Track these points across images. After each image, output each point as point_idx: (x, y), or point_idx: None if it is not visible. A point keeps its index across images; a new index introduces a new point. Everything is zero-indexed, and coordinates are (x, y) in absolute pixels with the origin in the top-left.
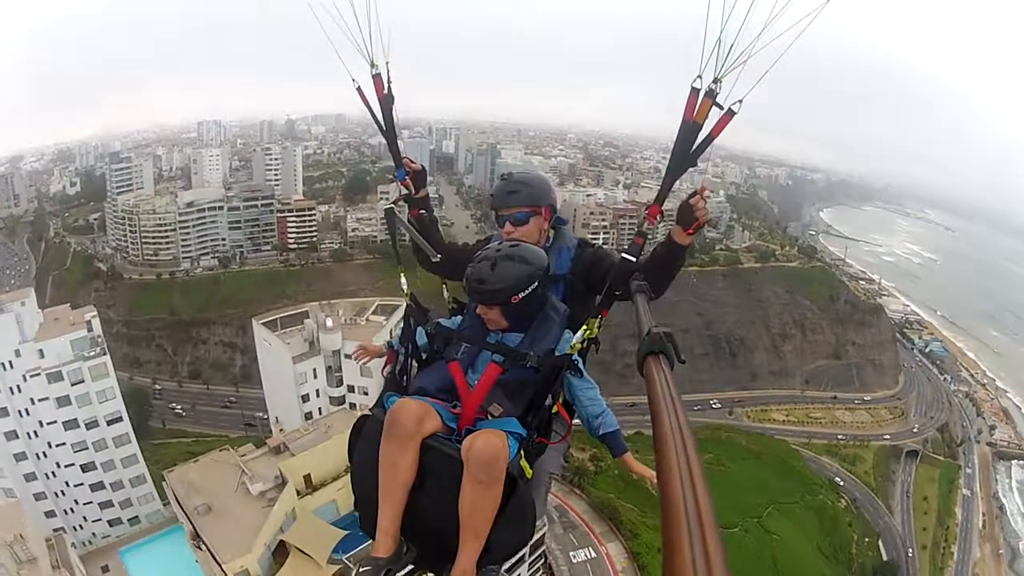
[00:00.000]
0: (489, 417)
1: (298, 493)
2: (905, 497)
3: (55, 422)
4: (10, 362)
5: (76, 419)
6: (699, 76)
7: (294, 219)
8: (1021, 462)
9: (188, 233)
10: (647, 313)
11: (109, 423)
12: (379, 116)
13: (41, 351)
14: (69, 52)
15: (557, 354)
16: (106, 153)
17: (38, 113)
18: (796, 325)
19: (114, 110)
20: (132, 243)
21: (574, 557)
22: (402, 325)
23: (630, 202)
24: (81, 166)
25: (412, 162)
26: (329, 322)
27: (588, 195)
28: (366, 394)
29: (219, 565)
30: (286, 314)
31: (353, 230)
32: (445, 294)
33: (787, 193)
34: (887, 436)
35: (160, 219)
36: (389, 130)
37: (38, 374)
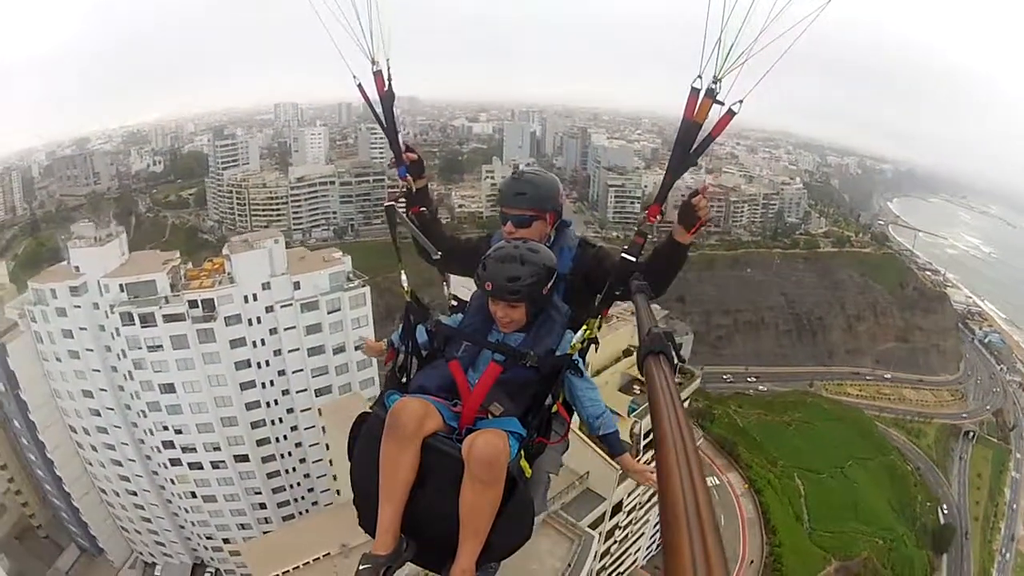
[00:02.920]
0: (490, 416)
1: None
2: (961, 472)
3: (297, 349)
4: (254, 295)
5: (323, 345)
6: (699, 76)
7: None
8: None
9: (300, 206)
10: (647, 313)
11: (357, 347)
12: (380, 112)
13: (297, 283)
14: (128, 39)
15: (558, 354)
16: (182, 134)
17: (100, 98)
18: (869, 308)
19: (179, 95)
20: (240, 216)
21: None
22: (402, 323)
23: (717, 186)
24: (158, 146)
25: (410, 151)
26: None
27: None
28: None
29: None
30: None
31: (460, 206)
32: (446, 291)
33: (857, 182)
34: (947, 416)
35: (271, 192)
36: (390, 127)
37: (290, 304)
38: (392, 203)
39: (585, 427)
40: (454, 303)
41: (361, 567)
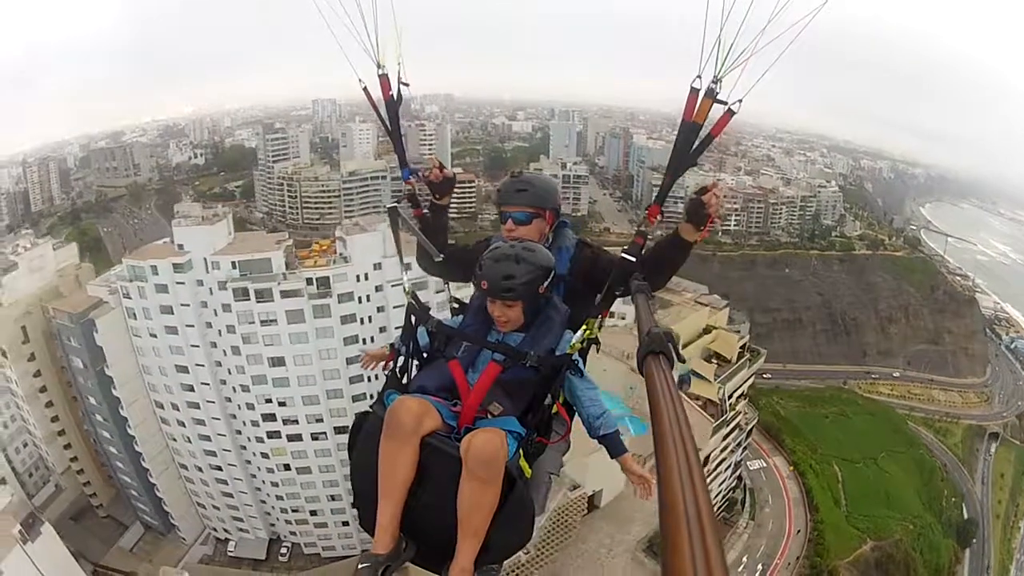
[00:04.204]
0: (489, 416)
1: None
2: (985, 471)
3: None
4: (366, 274)
5: None
6: (699, 76)
7: (456, 190)
8: None
9: (352, 200)
10: (648, 313)
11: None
12: (385, 116)
13: (408, 264)
14: (157, 34)
15: (557, 354)
16: (219, 128)
17: (131, 92)
18: (901, 310)
19: (211, 89)
20: (291, 208)
21: (750, 465)
22: (403, 324)
23: (756, 187)
24: (196, 139)
25: (442, 169)
26: None
27: (719, 178)
28: None
29: None
30: None
31: None
32: (447, 294)
33: (890, 186)
34: (974, 416)
35: (323, 186)
36: (395, 131)
37: (400, 284)
38: (395, 205)
39: (585, 428)
40: (455, 305)
41: (360, 566)
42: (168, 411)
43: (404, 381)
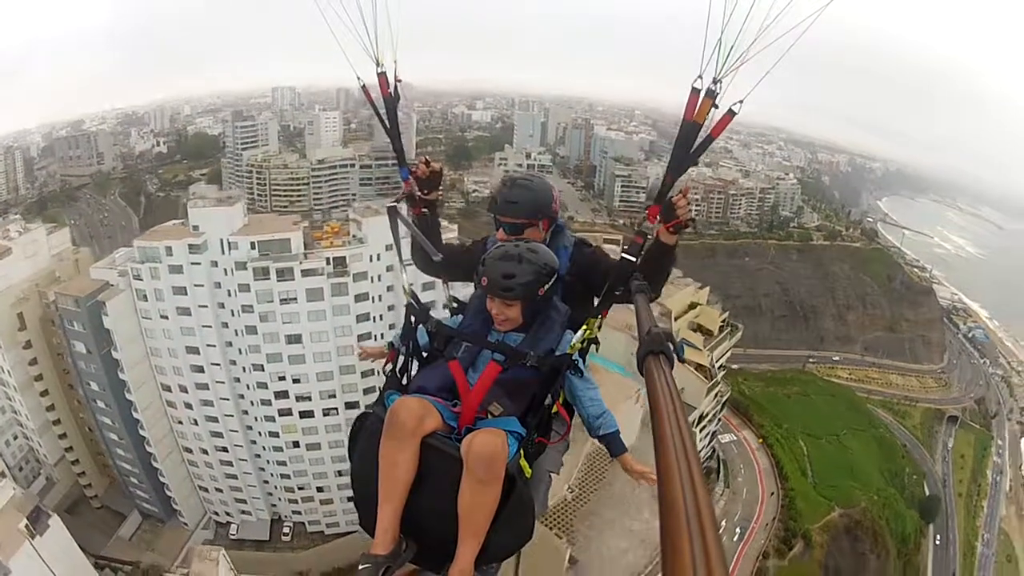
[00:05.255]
0: (489, 416)
1: None
2: (945, 452)
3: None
4: (378, 255)
5: (434, 301)
6: (699, 76)
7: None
8: None
9: (320, 187)
10: (647, 313)
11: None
12: (384, 115)
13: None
14: (116, 23)
15: (557, 354)
16: (179, 116)
17: (90, 81)
18: (858, 299)
19: (170, 77)
20: (260, 196)
21: (722, 439)
22: (403, 323)
23: (717, 179)
24: (157, 128)
25: (429, 163)
26: None
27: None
28: None
29: None
30: None
31: (474, 191)
32: (446, 293)
33: (847, 180)
34: (932, 400)
35: (292, 173)
36: (393, 129)
37: (411, 264)
38: (394, 204)
39: (585, 428)
40: (454, 305)
41: (360, 567)
42: (176, 394)
43: (404, 381)
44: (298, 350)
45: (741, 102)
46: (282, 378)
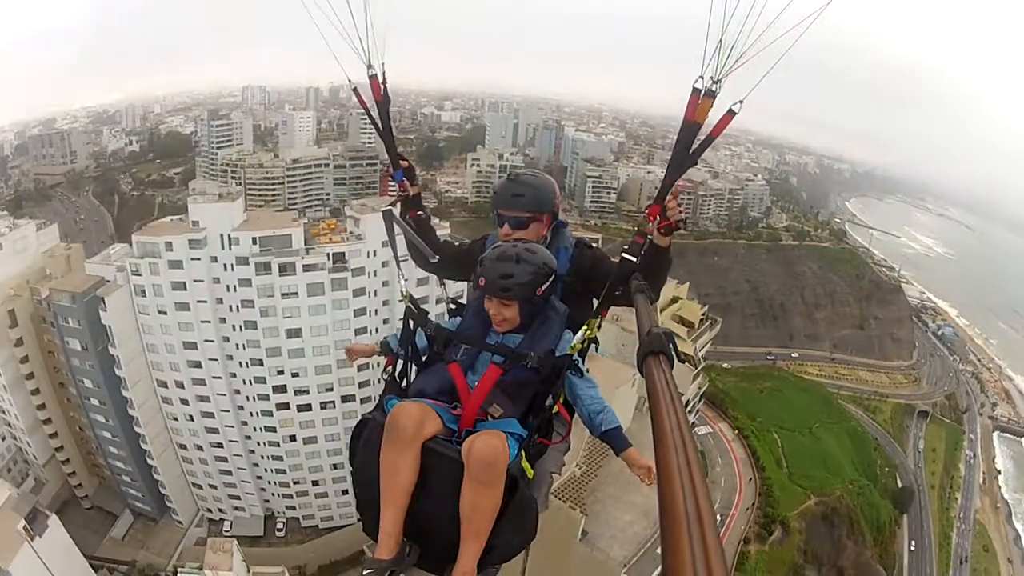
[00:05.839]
0: (489, 418)
1: None
2: (916, 446)
3: (403, 300)
4: (375, 251)
5: (426, 296)
6: (700, 76)
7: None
8: (1019, 438)
9: (295, 187)
10: (647, 313)
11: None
12: (376, 117)
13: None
14: (85, 20)
15: (557, 354)
16: (150, 115)
17: (61, 79)
18: (827, 297)
19: (138, 76)
20: None
21: (698, 431)
22: (401, 328)
23: (686, 180)
24: (128, 126)
25: (403, 159)
26: None
27: (648, 172)
28: None
29: None
30: None
31: (446, 192)
32: (444, 295)
33: (815, 181)
34: (902, 396)
35: (267, 173)
36: (386, 131)
37: (406, 260)
38: (390, 207)
39: (586, 426)
40: (452, 307)
41: (364, 572)
42: (171, 390)
43: (403, 385)
44: (297, 344)
45: (741, 102)
46: (280, 372)
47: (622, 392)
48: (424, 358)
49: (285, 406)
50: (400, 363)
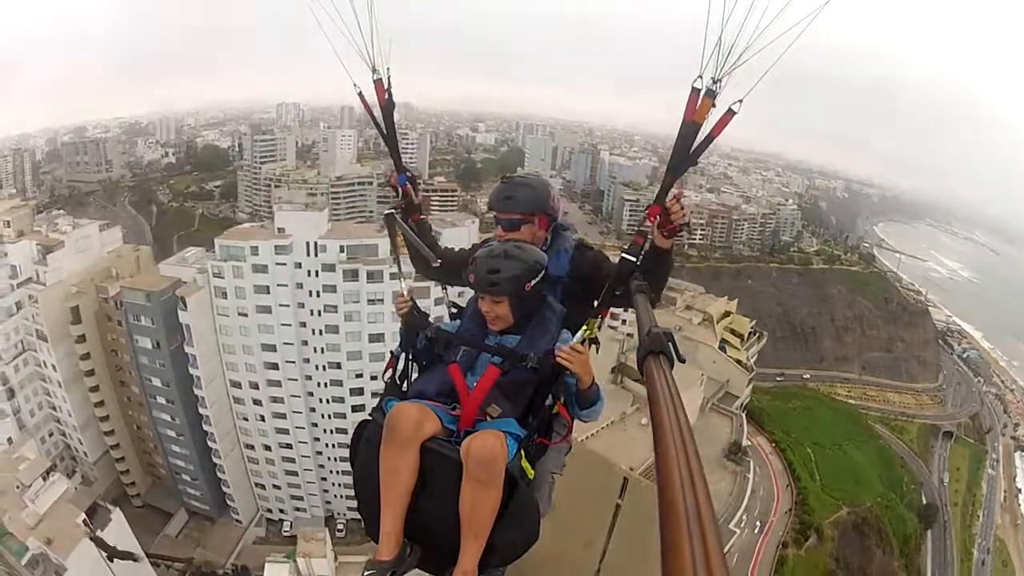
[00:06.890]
0: (488, 418)
1: None
2: (941, 465)
3: None
4: None
5: None
6: (699, 76)
7: (437, 198)
8: None
9: (339, 204)
10: (648, 313)
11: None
12: (380, 122)
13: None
14: (116, 30)
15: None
16: (183, 127)
17: (87, 90)
18: (856, 320)
19: (167, 88)
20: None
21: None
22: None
23: (720, 204)
24: (162, 138)
25: (407, 168)
26: None
27: (684, 196)
28: None
29: None
30: None
31: (485, 212)
32: (445, 298)
33: (844, 205)
34: (928, 416)
35: (311, 189)
36: (391, 135)
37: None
38: (392, 211)
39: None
40: (453, 310)
41: (365, 573)
42: (244, 390)
43: (404, 387)
44: (379, 348)
45: (741, 101)
46: (359, 375)
47: (690, 394)
48: (425, 360)
49: (360, 408)
50: (401, 365)
